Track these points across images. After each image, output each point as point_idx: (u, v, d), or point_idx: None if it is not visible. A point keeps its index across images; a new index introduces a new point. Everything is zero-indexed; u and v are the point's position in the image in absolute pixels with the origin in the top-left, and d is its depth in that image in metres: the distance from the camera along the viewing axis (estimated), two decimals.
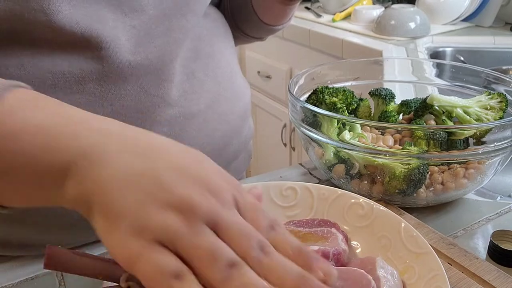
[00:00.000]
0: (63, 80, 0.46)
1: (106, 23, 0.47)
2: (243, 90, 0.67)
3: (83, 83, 0.47)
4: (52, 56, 0.46)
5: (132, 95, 0.50)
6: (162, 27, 0.51)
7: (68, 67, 0.46)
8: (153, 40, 0.50)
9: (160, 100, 0.52)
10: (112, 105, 0.49)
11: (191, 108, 0.55)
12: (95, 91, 0.48)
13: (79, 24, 0.45)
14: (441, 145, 0.52)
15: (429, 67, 0.77)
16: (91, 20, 0.46)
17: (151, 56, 0.50)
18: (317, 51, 1.62)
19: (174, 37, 0.52)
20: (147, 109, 0.51)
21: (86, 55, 0.47)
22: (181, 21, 0.53)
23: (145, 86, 0.50)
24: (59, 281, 0.49)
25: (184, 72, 0.55)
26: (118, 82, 0.49)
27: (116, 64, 0.48)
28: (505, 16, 1.55)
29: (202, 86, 0.57)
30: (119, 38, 0.48)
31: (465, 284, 0.43)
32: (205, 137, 0.58)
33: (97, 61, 0.47)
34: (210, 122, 0.58)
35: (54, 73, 0.46)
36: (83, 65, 0.47)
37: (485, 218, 0.57)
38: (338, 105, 0.61)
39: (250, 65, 2.09)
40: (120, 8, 0.48)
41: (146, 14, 0.50)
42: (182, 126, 0.55)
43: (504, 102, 0.60)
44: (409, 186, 0.54)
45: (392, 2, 1.84)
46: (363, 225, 0.48)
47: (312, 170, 0.69)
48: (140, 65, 0.50)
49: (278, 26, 0.73)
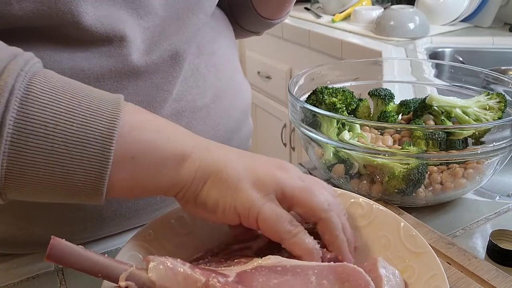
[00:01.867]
0: (82, 76, 0.47)
1: (126, 24, 0.48)
2: (244, 87, 0.68)
3: (101, 80, 0.48)
4: (72, 53, 0.47)
5: (144, 90, 0.51)
6: (175, 26, 0.53)
7: (88, 64, 0.47)
8: (166, 39, 0.52)
9: (169, 95, 0.53)
10: (126, 101, 0.50)
11: (196, 102, 0.57)
12: (112, 88, 0.49)
13: (103, 25, 0.46)
14: (440, 145, 0.53)
15: (428, 68, 0.77)
16: (113, 21, 0.47)
17: (164, 55, 0.52)
18: (317, 51, 1.63)
19: (186, 35, 0.54)
20: (158, 103, 0.52)
21: (106, 53, 0.48)
22: (193, 20, 0.54)
23: (156, 82, 0.52)
24: (60, 281, 0.49)
25: (189, 67, 0.56)
26: (132, 79, 0.50)
27: (133, 62, 0.49)
28: (504, 16, 1.55)
29: (205, 81, 0.58)
30: (136, 38, 0.49)
31: (464, 283, 0.43)
32: (210, 131, 0.59)
33: (116, 59, 0.48)
34: (213, 116, 0.59)
35: (73, 69, 0.47)
36: (103, 62, 0.48)
37: (484, 218, 0.57)
38: (338, 105, 0.62)
39: (250, 65, 2.09)
40: (136, 11, 0.50)
41: (159, 16, 0.52)
42: (188, 120, 0.56)
43: (503, 102, 0.60)
44: (408, 185, 0.54)
45: (392, 2, 1.84)
46: (362, 225, 0.48)
47: (312, 170, 0.69)
48: (153, 63, 0.51)
49: (276, 20, 0.73)
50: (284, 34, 1.78)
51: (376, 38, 1.48)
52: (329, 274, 0.39)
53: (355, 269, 0.39)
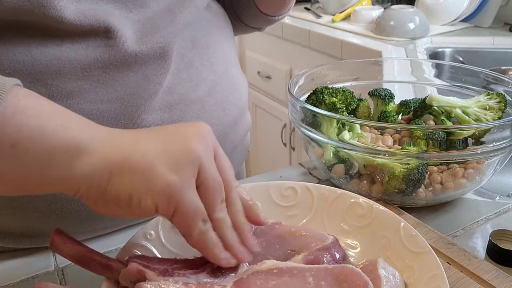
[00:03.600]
0: (69, 66, 0.47)
1: (112, 16, 0.49)
2: (240, 82, 0.68)
3: (89, 70, 0.48)
4: (59, 44, 0.47)
5: (135, 82, 0.51)
6: (166, 19, 0.53)
7: (75, 55, 0.48)
8: (157, 32, 0.52)
9: (161, 87, 0.53)
10: (116, 91, 0.50)
11: (189, 94, 0.57)
12: (100, 78, 0.49)
13: (86, 17, 0.47)
14: (440, 145, 0.53)
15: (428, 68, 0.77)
16: (97, 14, 0.47)
17: (155, 47, 0.52)
18: (317, 51, 1.63)
19: (177, 28, 0.54)
20: (149, 95, 0.52)
21: (93, 44, 0.48)
22: (184, 13, 0.55)
23: (147, 73, 0.52)
24: (60, 281, 0.49)
25: (182, 60, 0.56)
26: (122, 70, 0.50)
27: (122, 53, 0.49)
28: (504, 16, 1.55)
29: (198, 75, 0.58)
30: (125, 29, 0.50)
31: (464, 283, 0.43)
32: None
33: (103, 49, 0.49)
34: (207, 109, 0.59)
35: (60, 59, 0.47)
36: (90, 53, 0.48)
37: (484, 218, 0.57)
38: (338, 105, 0.62)
39: (250, 65, 2.09)
40: (125, 4, 0.50)
41: (151, 9, 0.52)
42: (181, 112, 0.56)
43: (503, 102, 0.60)
44: (408, 185, 0.54)
45: (392, 2, 1.84)
46: (362, 225, 0.48)
47: (312, 170, 0.69)
48: (144, 55, 0.51)
49: (277, 16, 0.73)
50: (284, 34, 1.78)
51: (376, 38, 1.48)
52: (327, 275, 0.39)
53: (353, 270, 0.39)
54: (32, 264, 0.52)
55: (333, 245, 0.44)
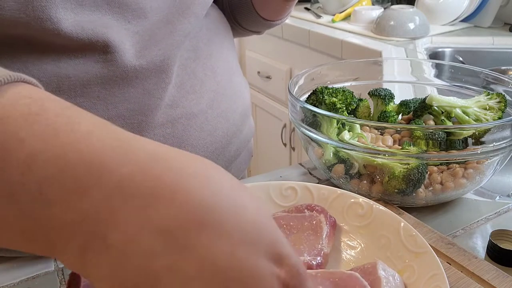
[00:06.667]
0: (67, 83, 0.46)
1: (111, 29, 0.47)
2: (242, 89, 0.67)
3: (88, 87, 0.47)
4: (57, 59, 0.46)
5: (136, 97, 0.50)
6: (165, 30, 0.52)
7: (74, 70, 0.47)
8: (156, 44, 0.51)
9: (163, 102, 0.52)
10: (116, 108, 0.49)
11: (192, 108, 0.56)
12: (100, 94, 0.48)
13: (84, 30, 0.45)
14: (440, 145, 0.53)
15: (428, 68, 0.77)
16: (95, 26, 0.46)
17: (155, 60, 0.51)
18: (317, 51, 1.63)
19: (176, 40, 0.53)
20: (150, 111, 0.51)
21: (91, 59, 0.47)
22: (183, 23, 0.54)
23: (148, 88, 0.51)
24: (60, 281, 0.49)
25: (185, 72, 0.55)
26: (122, 85, 0.49)
27: (122, 68, 0.48)
28: (504, 16, 1.55)
29: (202, 86, 0.57)
30: (124, 43, 0.48)
31: (464, 283, 0.43)
32: (207, 137, 0.58)
33: (102, 65, 0.48)
34: (211, 121, 0.58)
35: (59, 76, 0.46)
36: (88, 68, 0.47)
37: (484, 218, 0.57)
38: (338, 105, 0.62)
39: (250, 65, 2.09)
40: (123, 15, 0.49)
41: (149, 20, 0.51)
42: (184, 126, 0.55)
43: (503, 102, 0.60)
44: (408, 186, 0.54)
45: (392, 2, 1.84)
46: (362, 225, 0.48)
47: (312, 170, 0.69)
48: (144, 69, 0.50)
49: (277, 21, 0.73)
50: (284, 34, 1.78)
51: (376, 38, 1.48)
52: (325, 280, 0.39)
53: (351, 275, 0.39)
54: (32, 264, 0.52)
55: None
